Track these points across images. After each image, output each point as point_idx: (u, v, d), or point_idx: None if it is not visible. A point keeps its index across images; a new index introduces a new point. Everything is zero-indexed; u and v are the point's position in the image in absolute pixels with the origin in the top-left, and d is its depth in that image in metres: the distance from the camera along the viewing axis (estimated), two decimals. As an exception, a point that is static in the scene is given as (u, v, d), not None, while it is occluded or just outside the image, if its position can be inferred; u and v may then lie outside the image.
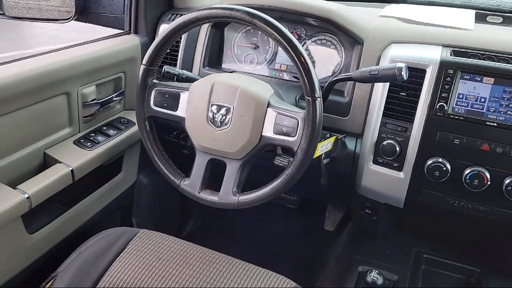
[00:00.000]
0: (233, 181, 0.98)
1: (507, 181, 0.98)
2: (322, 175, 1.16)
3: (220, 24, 1.32)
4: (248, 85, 0.98)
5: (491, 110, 1.00)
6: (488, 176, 1.00)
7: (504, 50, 1.05)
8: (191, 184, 1.02)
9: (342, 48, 1.23)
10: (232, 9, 0.91)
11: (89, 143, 1.22)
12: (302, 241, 1.83)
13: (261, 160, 1.01)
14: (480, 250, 1.33)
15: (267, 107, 0.95)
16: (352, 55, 1.20)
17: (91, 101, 1.26)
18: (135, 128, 1.33)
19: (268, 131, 0.94)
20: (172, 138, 1.37)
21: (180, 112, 1.03)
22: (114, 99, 1.34)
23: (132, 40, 1.38)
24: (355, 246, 1.45)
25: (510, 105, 0.98)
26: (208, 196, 1.01)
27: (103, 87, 1.31)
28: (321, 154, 1.11)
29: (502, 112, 0.99)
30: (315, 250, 1.76)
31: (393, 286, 1.25)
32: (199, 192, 1.01)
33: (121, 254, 0.98)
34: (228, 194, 0.98)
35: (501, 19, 1.32)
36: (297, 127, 0.91)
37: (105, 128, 1.30)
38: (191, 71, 1.31)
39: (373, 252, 1.38)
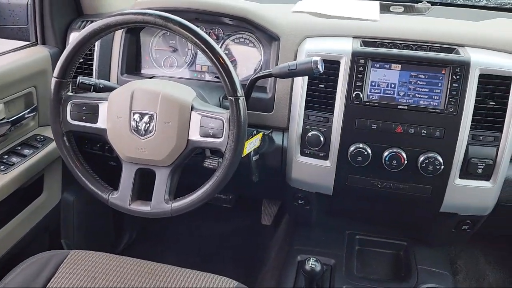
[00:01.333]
0: (164, 188, 0.96)
1: (421, 158, 1.06)
2: (253, 172, 1.17)
3: (135, 29, 1.28)
4: (170, 90, 0.96)
5: (401, 95, 1.07)
6: (405, 156, 1.07)
7: (407, 37, 1.14)
8: (121, 197, 0.99)
9: (261, 46, 1.25)
10: (144, 14, 0.88)
11: (2, 166, 1.13)
12: (241, 238, 1.85)
13: (191, 164, 1.00)
14: (405, 224, 1.42)
15: (191, 110, 0.94)
16: (270, 52, 1.22)
17: (0, 120, 1.17)
18: (53, 144, 1.26)
19: (195, 135, 0.94)
20: (96, 151, 1.31)
21: (100, 123, 0.99)
22: (26, 116, 1.26)
23: (40, 52, 1.30)
24: (292, 237, 1.49)
25: (417, 88, 1.06)
26: (140, 207, 0.98)
27: (13, 104, 1.21)
28: (250, 152, 1.12)
29: (410, 96, 1.07)
30: (255, 246, 1.78)
31: (331, 270, 1.30)
32: (129, 204, 0.98)
33: (51, 280, 0.92)
34: (160, 203, 0.96)
35: (402, 9, 1.43)
36: (223, 128, 0.91)
37: (19, 148, 1.21)
38: (108, 80, 1.26)
39: (310, 240, 1.43)
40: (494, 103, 1.04)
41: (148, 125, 0.94)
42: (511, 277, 1.69)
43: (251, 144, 1.10)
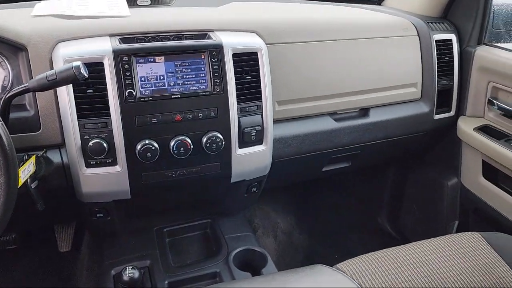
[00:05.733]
0: None
1: (204, 139, 1.13)
2: (37, 201, 1.04)
3: None
4: None
5: (172, 85, 1.11)
6: (190, 141, 1.12)
7: (163, 29, 1.17)
8: None
9: (4, 59, 1.09)
10: None
11: None
12: (41, 276, 1.63)
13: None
14: (206, 203, 1.51)
15: None
16: (19, 64, 1.08)
17: None
18: None
19: None
20: None
21: None
22: None
23: None
24: (100, 253, 1.40)
25: (184, 76, 1.11)
26: None
27: None
28: (26, 179, 0.99)
29: (180, 84, 1.11)
30: (60, 279, 1.60)
31: (149, 271, 1.28)
32: None
33: None
34: None
35: (149, 2, 1.45)
36: (-15, 162, 0.77)
37: None
38: None
39: (119, 249, 1.37)
40: (250, 77, 1.18)
41: None
42: (295, 219, 2.02)
43: (25, 171, 0.97)
